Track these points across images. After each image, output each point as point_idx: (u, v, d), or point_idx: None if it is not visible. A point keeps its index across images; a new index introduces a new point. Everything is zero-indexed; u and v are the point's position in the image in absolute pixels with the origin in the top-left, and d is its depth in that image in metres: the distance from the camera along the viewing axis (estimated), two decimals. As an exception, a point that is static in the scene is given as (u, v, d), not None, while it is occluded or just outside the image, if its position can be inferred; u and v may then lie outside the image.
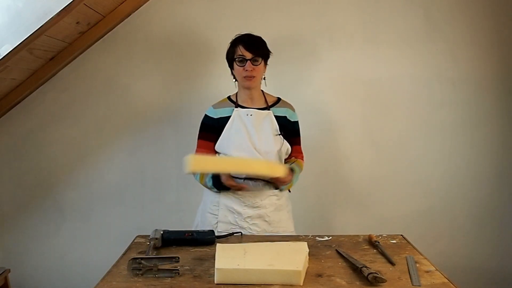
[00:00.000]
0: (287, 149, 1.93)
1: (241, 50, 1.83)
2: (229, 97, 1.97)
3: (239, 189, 1.85)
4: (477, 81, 2.58)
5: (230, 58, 1.88)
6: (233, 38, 1.89)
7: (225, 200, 1.89)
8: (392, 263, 1.47)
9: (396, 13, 2.54)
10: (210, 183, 1.88)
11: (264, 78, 1.92)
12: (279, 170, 1.80)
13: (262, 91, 1.96)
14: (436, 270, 1.42)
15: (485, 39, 2.55)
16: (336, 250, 1.59)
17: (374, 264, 1.45)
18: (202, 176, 1.90)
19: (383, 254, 1.55)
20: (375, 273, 1.32)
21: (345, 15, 2.55)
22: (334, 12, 2.55)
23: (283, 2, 2.54)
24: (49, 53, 2.33)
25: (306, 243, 1.52)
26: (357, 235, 1.76)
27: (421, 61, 2.58)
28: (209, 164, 1.79)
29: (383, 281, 1.30)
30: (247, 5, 2.53)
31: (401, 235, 1.76)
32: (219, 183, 1.85)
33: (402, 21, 2.55)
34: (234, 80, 1.93)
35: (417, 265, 1.46)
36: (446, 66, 2.58)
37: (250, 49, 1.82)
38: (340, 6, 2.54)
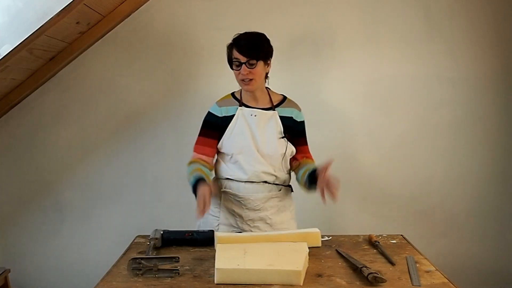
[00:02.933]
0: (291, 152, 1.87)
1: (235, 54, 1.75)
2: (233, 94, 1.89)
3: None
4: (477, 81, 2.59)
5: (229, 60, 1.82)
6: (232, 38, 1.84)
7: (226, 202, 1.86)
8: (392, 263, 1.47)
9: (396, 13, 2.55)
10: (191, 189, 1.77)
11: (267, 77, 1.85)
12: (315, 241, 1.65)
13: (267, 89, 1.89)
14: (436, 270, 1.42)
15: (485, 39, 2.56)
16: (336, 250, 1.59)
17: (374, 264, 1.46)
18: (191, 174, 1.80)
19: (383, 254, 1.55)
20: (375, 273, 1.32)
21: (345, 15, 2.55)
22: (335, 12, 2.55)
23: (283, 2, 2.54)
24: (49, 53, 2.33)
25: (306, 243, 1.53)
26: (357, 235, 1.76)
27: (421, 61, 2.58)
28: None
29: (383, 281, 1.31)
30: (247, 5, 2.53)
31: (401, 235, 1.76)
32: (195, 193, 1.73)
33: (402, 21, 2.55)
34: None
35: (417, 265, 1.46)
36: (446, 66, 2.58)
37: (244, 52, 1.73)
38: (340, 6, 2.54)
